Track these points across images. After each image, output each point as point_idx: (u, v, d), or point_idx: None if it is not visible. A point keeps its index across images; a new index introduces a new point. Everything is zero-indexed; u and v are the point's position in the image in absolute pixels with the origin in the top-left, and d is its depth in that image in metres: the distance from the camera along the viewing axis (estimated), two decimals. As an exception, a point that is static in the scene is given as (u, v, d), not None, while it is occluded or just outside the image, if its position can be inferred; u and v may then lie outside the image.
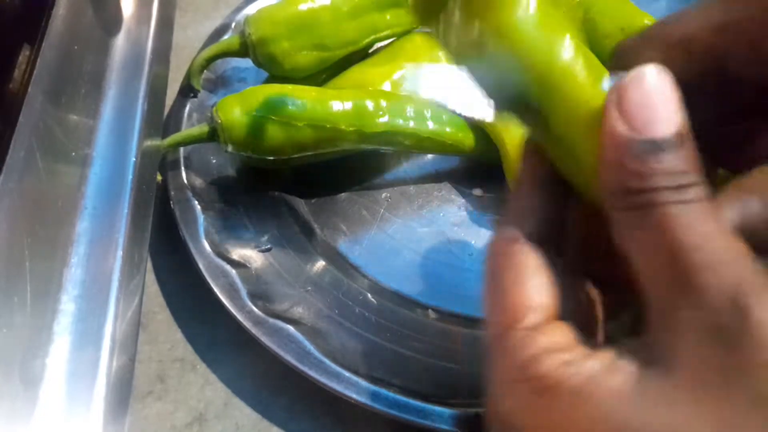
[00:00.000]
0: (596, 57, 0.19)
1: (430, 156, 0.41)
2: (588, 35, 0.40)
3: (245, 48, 0.40)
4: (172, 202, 0.37)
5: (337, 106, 0.36)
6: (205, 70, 0.42)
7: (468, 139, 0.39)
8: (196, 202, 0.37)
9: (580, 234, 0.21)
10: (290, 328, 0.32)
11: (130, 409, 0.30)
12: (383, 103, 0.37)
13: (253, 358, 0.33)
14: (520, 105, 0.19)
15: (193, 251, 0.34)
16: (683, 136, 0.17)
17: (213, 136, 0.36)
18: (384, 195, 0.40)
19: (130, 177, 0.33)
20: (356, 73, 0.41)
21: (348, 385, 0.30)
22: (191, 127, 0.39)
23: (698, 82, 0.19)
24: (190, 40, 0.47)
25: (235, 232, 0.36)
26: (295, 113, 0.35)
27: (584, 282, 0.21)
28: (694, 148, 0.17)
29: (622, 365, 0.17)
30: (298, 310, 0.33)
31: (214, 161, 0.39)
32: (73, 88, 0.34)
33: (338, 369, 0.30)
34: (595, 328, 0.21)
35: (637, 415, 0.16)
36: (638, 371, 0.16)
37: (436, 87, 0.23)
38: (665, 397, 0.16)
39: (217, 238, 0.35)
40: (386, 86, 0.40)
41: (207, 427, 0.31)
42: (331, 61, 0.41)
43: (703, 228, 0.16)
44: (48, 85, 0.31)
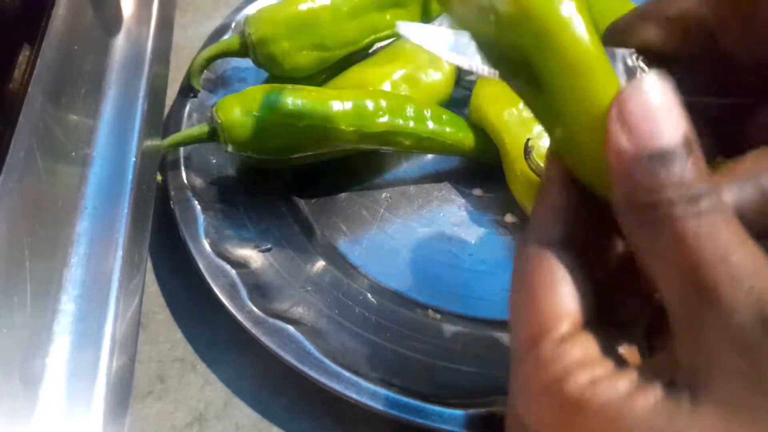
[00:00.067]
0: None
1: (430, 156, 0.41)
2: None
3: (245, 48, 0.40)
4: (172, 202, 0.37)
5: (337, 106, 0.36)
6: (205, 70, 0.42)
7: (468, 139, 0.39)
8: (196, 202, 0.37)
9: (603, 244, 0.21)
10: (290, 328, 0.32)
11: (130, 409, 0.30)
12: (383, 103, 0.37)
13: (253, 358, 0.33)
14: (521, 73, 0.19)
15: (193, 251, 0.34)
16: (690, 143, 0.16)
17: (213, 136, 0.36)
18: (384, 195, 0.40)
19: (130, 177, 0.33)
20: (356, 73, 0.41)
21: (348, 385, 0.30)
22: (191, 127, 0.39)
23: (695, 58, 0.19)
24: (190, 40, 0.47)
25: (235, 232, 0.36)
26: (295, 113, 0.35)
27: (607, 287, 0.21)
28: (701, 152, 0.16)
29: (650, 386, 0.16)
30: (298, 310, 0.33)
31: (214, 161, 0.39)
32: (73, 88, 0.34)
33: (338, 369, 0.30)
34: (616, 334, 0.20)
35: None
36: (666, 392, 0.16)
37: (433, 40, 0.23)
38: (695, 422, 0.15)
39: (217, 238, 0.35)
40: (386, 86, 0.40)
41: (207, 427, 0.31)
42: (331, 61, 0.41)
43: (722, 239, 0.15)
44: (48, 85, 0.31)
